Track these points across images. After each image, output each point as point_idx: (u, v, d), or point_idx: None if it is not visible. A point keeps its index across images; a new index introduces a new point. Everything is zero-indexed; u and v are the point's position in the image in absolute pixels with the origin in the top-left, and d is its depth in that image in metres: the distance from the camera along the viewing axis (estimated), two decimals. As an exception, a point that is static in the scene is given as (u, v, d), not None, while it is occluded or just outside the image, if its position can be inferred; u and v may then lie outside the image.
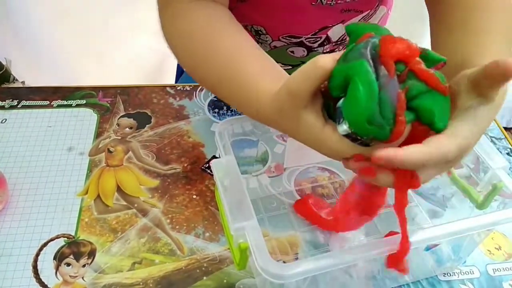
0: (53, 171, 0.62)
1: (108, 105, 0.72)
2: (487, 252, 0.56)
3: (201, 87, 0.75)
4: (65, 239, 0.55)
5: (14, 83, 1.24)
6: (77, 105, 0.71)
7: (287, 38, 0.66)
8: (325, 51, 0.69)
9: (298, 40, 0.67)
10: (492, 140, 0.70)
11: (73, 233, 0.55)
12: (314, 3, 0.61)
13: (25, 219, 0.56)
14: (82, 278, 0.51)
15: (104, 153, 0.65)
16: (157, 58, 1.46)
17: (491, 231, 0.55)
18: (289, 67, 0.72)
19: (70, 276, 0.51)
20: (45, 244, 0.54)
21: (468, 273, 0.54)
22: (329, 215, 0.55)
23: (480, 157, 0.48)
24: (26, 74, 1.29)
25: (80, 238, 0.55)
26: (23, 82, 1.26)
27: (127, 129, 0.68)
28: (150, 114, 0.70)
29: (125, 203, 0.59)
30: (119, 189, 0.60)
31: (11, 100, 0.72)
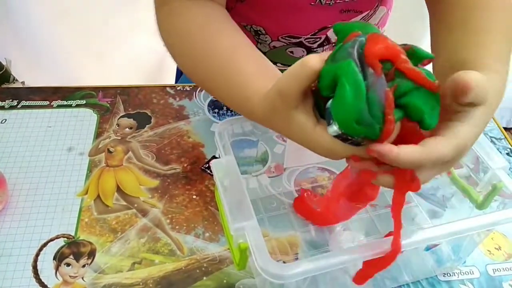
0: (53, 171, 0.62)
1: (108, 105, 0.72)
2: (487, 252, 0.56)
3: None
4: (65, 239, 0.55)
5: (14, 83, 1.24)
6: (77, 105, 0.71)
7: (286, 38, 0.66)
8: (324, 51, 0.69)
9: (297, 41, 0.67)
10: (492, 140, 0.70)
11: (73, 233, 0.55)
12: (313, 3, 0.60)
13: (25, 219, 0.56)
14: (82, 278, 0.51)
15: (104, 153, 0.65)
16: (157, 58, 1.45)
17: (491, 231, 0.55)
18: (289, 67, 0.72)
19: (70, 276, 0.51)
20: (45, 244, 0.54)
21: (468, 273, 0.54)
22: (321, 202, 0.55)
23: (480, 157, 0.48)
24: (26, 74, 1.29)
25: (80, 238, 0.55)
26: (23, 82, 1.26)
27: (127, 129, 0.68)
28: (150, 114, 0.70)
29: (125, 203, 0.59)
30: (119, 189, 0.60)
31: (11, 100, 0.72)
